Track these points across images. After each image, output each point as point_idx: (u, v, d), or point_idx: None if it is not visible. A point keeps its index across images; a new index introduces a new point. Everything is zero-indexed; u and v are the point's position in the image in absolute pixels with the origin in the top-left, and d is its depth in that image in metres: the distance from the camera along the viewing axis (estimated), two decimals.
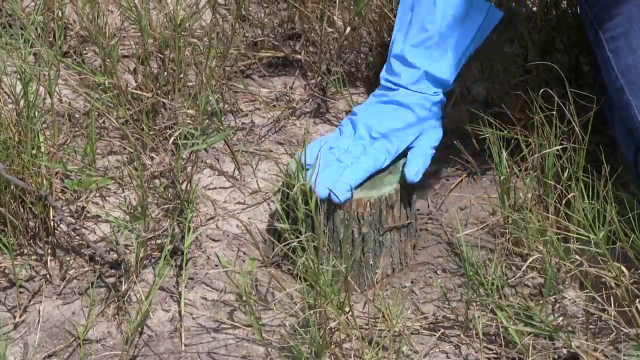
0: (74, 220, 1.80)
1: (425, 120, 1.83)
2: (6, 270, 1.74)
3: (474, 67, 2.05)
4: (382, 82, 1.89)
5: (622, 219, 1.61)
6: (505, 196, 1.74)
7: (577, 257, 1.64)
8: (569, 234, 1.66)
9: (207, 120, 1.96)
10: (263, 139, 2.02)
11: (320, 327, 1.55)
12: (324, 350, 1.55)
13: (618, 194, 1.72)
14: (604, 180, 1.60)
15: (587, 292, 1.62)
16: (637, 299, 1.57)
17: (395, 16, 2.08)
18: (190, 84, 2.02)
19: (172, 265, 1.76)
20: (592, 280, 1.65)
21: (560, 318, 1.62)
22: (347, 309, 1.60)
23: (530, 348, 1.60)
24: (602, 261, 1.59)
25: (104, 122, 2.00)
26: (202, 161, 1.95)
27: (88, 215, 1.84)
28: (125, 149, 1.95)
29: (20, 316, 1.69)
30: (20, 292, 1.71)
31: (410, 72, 1.86)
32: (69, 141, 1.94)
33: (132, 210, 1.75)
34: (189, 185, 1.78)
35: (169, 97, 1.99)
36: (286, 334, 1.64)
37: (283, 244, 1.68)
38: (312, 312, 1.56)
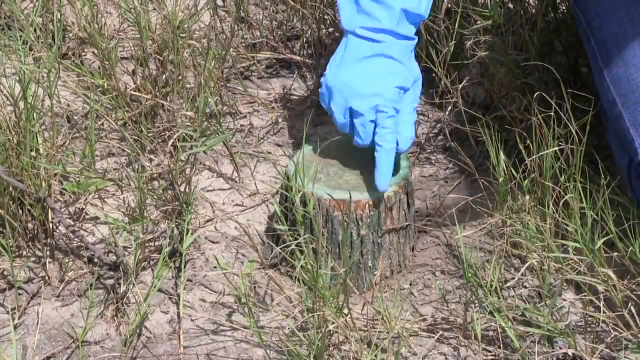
0: (72, 222, 1.80)
1: (414, 74, 1.74)
2: (5, 272, 1.74)
3: (473, 69, 2.05)
4: (358, 31, 1.71)
5: (620, 227, 1.61)
6: (503, 198, 1.74)
7: (574, 258, 1.64)
8: (566, 234, 1.66)
9: (206, 122, 1.96)
10: (262, 140, 2.02)
11: (319, 329, 1.55)
12: (323, 353, 1.55)
13: (616, 198, 1.72)
14: (601, 189, 1.60)
15: (584, 295, 1.62)
16: (631, 303, 1.57)
17: None
18: (189, 85, 2.02)
19: (170, 267, 1.76)
20: (589, 283, 1.65)
21: (559, 320, 1.61)
22: (345, 312, 1.60)
23: (529, 350, 1.59)
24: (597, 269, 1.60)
25: (102, 124, 2.00)
26: (200, 163, 1.95)
27: (87, 217, 1.84)
28: (124, 150, 1.95)
29: (19, 318, 1.69)
30: (19, 294, 1.71)
31: (389, 13, 1.70)
32: (67, 143, 1.94)
33: (130, 212, 1.75)
34: (187, 187, 1.78)
35: (168, 98, 1.99)
36: (285, 336, 1.64)
37: (281, 247, 1.68)
38: (310, 315, 1.56)
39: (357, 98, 1.69)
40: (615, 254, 1.60)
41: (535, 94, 1.76)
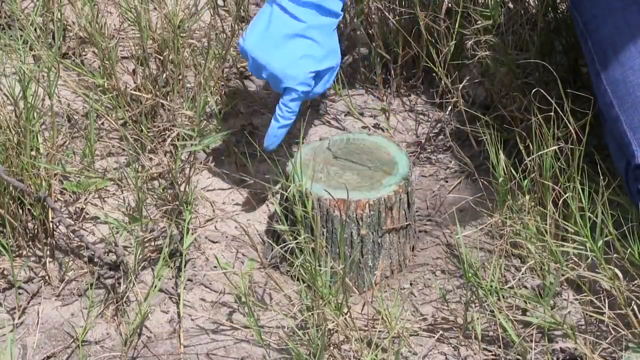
0: (72, 222, 1.80)
1: (331, 56, 1.79)
2: (5, 272, 1.74)
3: (473, 69, 2.05)
4: (284, 3, 1.73)
5: (619, 227, 1.61)
6: (503, 198, 1.74)
7: (575, 259, 1.64)
8: (566, 234, 1.66)
9: (206, 122, 1.96)
10: (262, 140, 2.02)
11: (318, 328, 1.55)
12: (323, 352, 1.55)
13: (615, 199, 1.72)
14: (601, 190, 1.60)
15: (585, 295, 1.62)
16: (634, 302, 1.57)
17: (394, 17, 2.08)
18: (189, 85, 2.02)
19: (170, 267, 1.76)
20: (590, 282, 1.66)
21: (559, 320, 1.61)
22: (345, 310, 1.60)
23: (529, 349, 1.60)
24: (599, 265, 1.59)
25: (102, 124, 2.00)
26: (200, 162, 1.95)
27: (87, 216, 1.84)
28: (124, 150, 1.95)
29: (19, 317, 1.69)
30: (19, 294, 1.71)
31: None
32: (68, 143, 1.94)
33: (131, 212, 1.75)
34: (187, 186, 1.78)
35: (168, 98, 1.99)
36: (284, 335, 1.64)
37: (281, 246, 1.68)
38: (310, 313, 1.56)
39: (271, 76, 1.75)
40: (615, 255, 1.60)
41: (535, 93, 1.76)
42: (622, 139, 1.69)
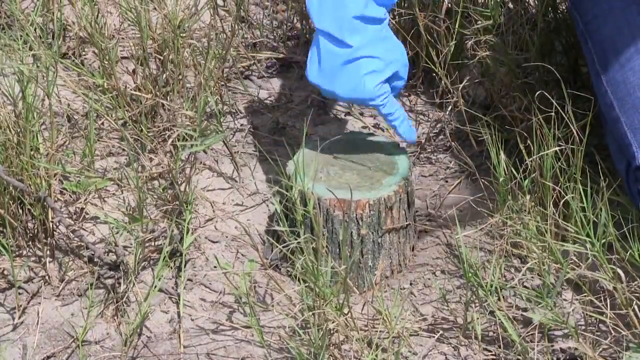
0: (72, 222, 1.80)
1: (393, 59, 1.78)
2: (5, 272, 1.74)
3: (473, 69, 2.05)
4: (326, 29, 1.71)
5: (620, 226, 1.61)
6: (503, 198, 1.74)
7: (575, 259, 1.64)
8: (567, 234, 1.66)
9: (206, 122, 1.96)
10: (262, 140, 2.02)
11: (319, 328, 1.55)
12: (324, 352, 1.55)
13: (615, 199, 1.72)
14: (601, 191, 1.60)
15: (585, 296, 1.62)
16: (635, 302, 1.57)
17: (394, 17, 2.08)
18: (189, 85, 2.02)
19: (170, 267, 1.76)
20: (590, 282, 1.66)
21: (562, 319, 1.61)
22: (345, 311, 1.60)
23: (530, 349, 1.59)
24: (600, 265, 1.60)
25: (102, 124, 2.00)
26: (200, 162, 1.95)
27: (87, 216, 1.84)
28: (124, 150, 1.95)
29: (19, 317, 1.68)
30: (19, 294, 1.71)
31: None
32: (67, 143, 1.94)
33: (131, 212, 1.75)
34: (187, 186, 1.78)
35: (168, 98, 1.99)
36: (285, 335, 1.64)
37: (282, 246, 1.68)
38: (311, 313, 1.56)
39: (346, 100, 1.76)
40: (615, 256, 1.60)
41: (537, 94, 1.76)
42: (622, 140, 1.69)
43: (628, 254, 1.59)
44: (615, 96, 1.72)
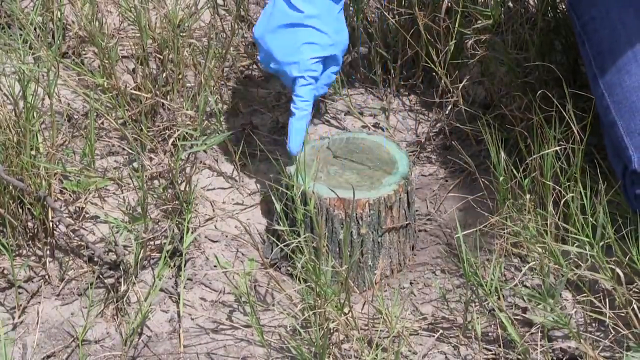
0: (72, 221, 1.80)
1: (336, 41, 1.80)
2: (5, 271, 1.74)
3: (473, 68, 2.05)
4: None
5: (619, 229, 1.61)
6: (503, 197, 1.74)
7: (575, 259, 1.64)
8: (567, 235, 1.66)
9: (206, 121, 1.96)
10: (262, 139, 2.02)
11: (320, 327, 1.55)
12: (325, 351, 1.55)
13: (615, 199, 1.72)
14: (600, 192, 1.60)
15: (585, 296, 1.62)
16: (634, 302, 1.57)
17: (394, 16, 2.08)
18: (189, 84, 2.02)
19: (170, 266, 1.76)
20: (590, 282, 1.66)
21: (565, 320, 1.61)
22: (346, 310, 1.60)
23: (530, 349, 1.60)
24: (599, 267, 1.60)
25: (102, 123, 2.00)
26: (201, 162, 1.95)
27: (87, 216, 1.84)
28: (124, 149, 1.95)
29: (19, 317, 1.69)
30: (19, 293, 1.71)
31: None
32: (67, 142, 1.94)
33: (131, 211, 1.75)
34: (187, 186, 1.78)
35: (168, 97, 1.99)
36: (285, 334, 1.64)
37: (281, 246, 1.68)
38: (312, 312, 1.56)
39: (277, 64, 1.78)
40: (613, 258, 1.60)
41: (538, 93, 1.76)
42: (619, 143, 1.68)
43: (627, 257, 1.59)
44: (612, 99, 1.71)
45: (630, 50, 1.72)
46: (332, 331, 1.60)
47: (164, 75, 2.00)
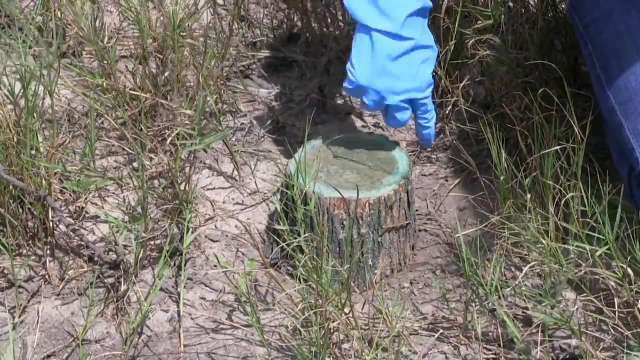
0: (73, 221, 1.80)
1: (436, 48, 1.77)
2: (5, 271, 1.74)
3: (473, 68, 2.05)
4: (380, 26, 1.70)
5: (620, 225, 1.61)
6: (504, 197, 1.74)
7: (576, 258, 1.64)
8: (566, 236, 1.66)
9: (206, 121, 1.96)
10: (262, 139, 2.02)
11: (321, 326, 1.55)
12: (325, 351, 1.55)
13: (614, 201, 1.72)
14: (604, 190, 1.60)
15: (585, 295, 1.62)
16: (639, 302, 1.57)
17: None
18: (188, 84, 2.02)
19: (170, 266, 1.76)
20: (590, 281, 1.66)
21: (566, 319, 1.61)
22: (346, 310, 1.60)
23: (534, 347, 1.59)
24: (603, 264, 1.60)
25: (102, 123, 2.00)
26: (200, 161, 1.95)
27: (87, 215, 1.84)
28: (124, 149, 1.95)
29: (19, 316, 1.68)
30: (19, 293, 1.71)
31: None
32: (67, 142, 1.94)
33: (131, 211, 1.75)
34: (187, 185, 1.78)
35: (168, 97, 1.99)
36: (286, 334, 1.64)
37: (282, 245, 1.68)
38: (313, 312, 1.56)
39: (395, 95, 1.72)
40: (615, 261, 1.61)
41: (538, 92, 1.76)
42: (625, 144, 1.68)
43: (629, 258, 1.59)
44: (617, 101, 1.71)
45: (635, 52, 1.72)
46: (332, 331, 1.60)
47: (164, 75, 2.00)
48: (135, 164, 1.92)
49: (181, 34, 2.00)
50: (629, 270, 1.58)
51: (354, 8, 1.69)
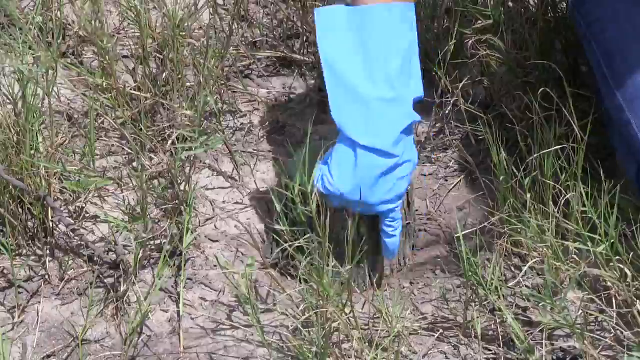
0: (72, 221, 1.80)
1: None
2: (5, 271, 1.74)
3: (473, 68, 2.05)
4: (368, 143, 1.64)
5: (621, 226, 1.61)
6: (504, 197, 1.74)
7: (576, 257, 1.64)
8: (567, 234, 1.66)
9: (206, 121, 1.96)
10: (262, 139, 2.02)
11: (322, 327, 1.55)
12: (327, 351, 1.55)
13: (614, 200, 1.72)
14: (602, 190, 1.60)
15: (586, 294, 1.62)
16: (638, 302, 1.57)
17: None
18: (189, 84, 2.02)
19: (170, 266, 1.76)
20: (591, 281, 1.65)
21: (560, 319, 1.61)
22: (347, 310, 1.60)
23: (537, 348, 1.59)
24: (605, 263, 1.60)
25: (102, 123, 2.00)
26: (200, 162, 1.94)
27: (87, 215, 1.84)
28: (124, 149, 1.95)
29: (19, 316, 1.68)
30: (19, 293, 1.71)
31: (402, 112, 1.66)
32: (67, 142, 1.94)
33: (131, 211, 1.75)
34: (187, 185, 1.78)
35: (168, 97, 1.99)
36: (286, 335, 1.64)
37: (282, 246, 1.68)
38: (314, 312, 1.56)
39: (365, 208, 1.66)
40: (617, 257, 1.60)
41: (538, 92, 1.76)
42: (633, 142, 1.68)
43: (632, 255, 1.59)
44: (624, 98, 1.71)
45: None
46: (332, 331, 1.59)
47: (164, 75, 2.00)
48: (135, 164, 1.92)
49: (181, 34, 2.00)
50: (627, 270, 1.58)
51: (343, 123, 1.64)
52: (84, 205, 1.84)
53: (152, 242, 1.77)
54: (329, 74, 1.64)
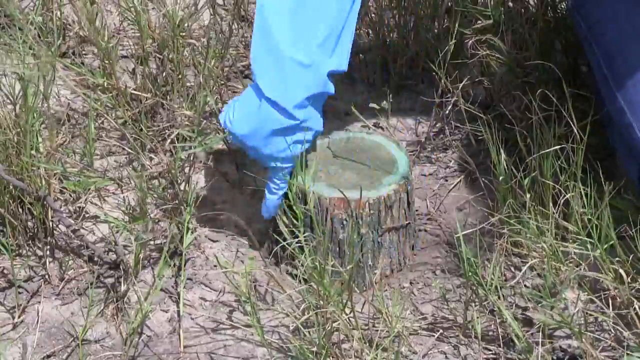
0: (72, 221, 1.80)
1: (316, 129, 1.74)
2: (5, 271, 1.74)
3: (473, 68, 2.05)
4: (278, 101, 1.67)
5: (620, 228, 1.61)
6: (503, 197, 1.74)
7: (575, 258, 1.64)
8: (566, 235, 1.66)
9: (205, 121, 1.96)
10: None
11: (323, 327, 1.55)
12: (327, 351, 1.55)
13: (613, 203, 1.72)
14: (601, 190, 1.60)
15: (586, 295, 1.62)
16: (635, 303, 1.57)
17: (394, 16, 2.08)
18: (189, 84, 2.02)
19: (170, 266, 1.76)
20: (591, 282, 1.66)
21: (560, 319, 1.61)
22: (347, 310, 1.60)
23: (535, 347, 1.60)
24: (602, 265, 1.60)
25: (102, 123, 2.00)
26: (200, 161, 1.95)
27: (87, 215, 1.84)
28: (124, 149, 1.95)
29: (19, 316, 1.68)
30: (19, 293, 1.71)
31: (315, 78, 1.70)
32: (67, 142, 1.94)
33: (131, 211, 1.75)
34: (187, 185, 1.78)
35: (168, 97, 1.99)
36: (286, 334, 1.64)
37: (282, 245, 1.68)
38: (315, 312, 1.56)
39: (256, 155, 1.70)
40: (617, 258, 1.60)
41: (538, 92, 1.76)
42: (635, 145, 1.68)
43: (631, 257, 1.59)
44: (626, 100, 1.71)
45: None
46: (332, 331, 1.60)
47: (164, 75, 2.00)
48: (135, 164, 1.92)
49: (181, 34, 2.00)
50: (621, 271, 1.58)
51: (256, 71, 1.66)
52: (84, 206, 1.84)
53: (152, 242, 1.77)
54: (259, 21, 1.66)
